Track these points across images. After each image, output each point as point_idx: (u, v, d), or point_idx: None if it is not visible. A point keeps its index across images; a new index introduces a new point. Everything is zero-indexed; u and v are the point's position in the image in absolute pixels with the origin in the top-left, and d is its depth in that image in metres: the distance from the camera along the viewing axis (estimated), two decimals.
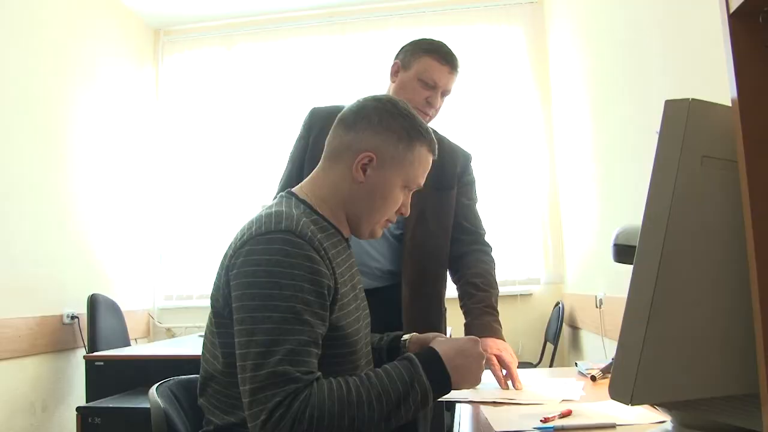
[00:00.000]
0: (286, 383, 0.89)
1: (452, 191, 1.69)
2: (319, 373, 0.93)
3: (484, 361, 1.06)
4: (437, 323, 1.68)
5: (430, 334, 1.22)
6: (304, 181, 1.15)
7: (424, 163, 1.12)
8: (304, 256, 0.95)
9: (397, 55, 1.67)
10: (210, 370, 1.04)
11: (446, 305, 1.74)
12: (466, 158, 1.76)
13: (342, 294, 1.03)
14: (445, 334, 1.55)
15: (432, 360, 0.99)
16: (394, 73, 1.65)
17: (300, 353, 0.91)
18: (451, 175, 1.68)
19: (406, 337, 1.26)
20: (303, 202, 1.09)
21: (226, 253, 1.03)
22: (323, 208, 1.09)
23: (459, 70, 1.63)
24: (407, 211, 1.16)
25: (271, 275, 0.93)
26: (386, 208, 1.10)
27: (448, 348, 1.02)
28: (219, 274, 1.03)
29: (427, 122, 1.46)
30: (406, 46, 1.67)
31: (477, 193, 1.78)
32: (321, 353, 0.96)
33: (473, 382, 1.04)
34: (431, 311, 1.66)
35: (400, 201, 1.12)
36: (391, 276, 1.63)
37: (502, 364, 1.41)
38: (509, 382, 1.39)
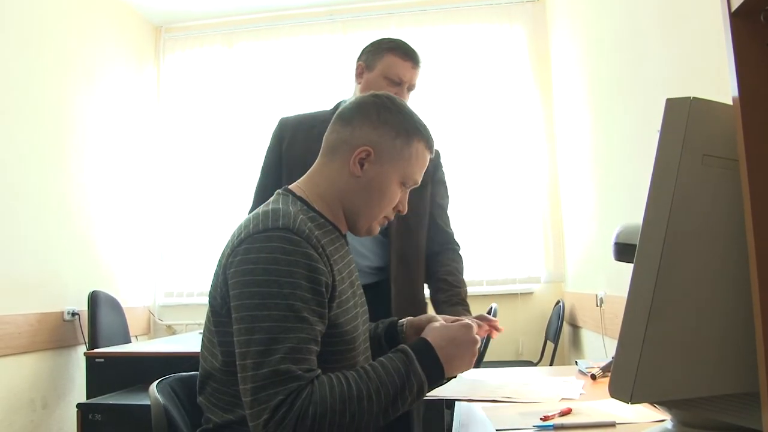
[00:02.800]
0: (288, 381, 0.88)
1: (427, 188, 1.73)
2: (319, 371, 0.93)
3: (477, 347, 1.06)
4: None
5: (425, 317, 1.22)
6: (301, 178, 1.15)
7: (421, 159, 1.12)
8: (302, 253, 0.95)
9: (360, 56, 1.71)
10: (208, 368, 1.04)
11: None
12: (437, 155, 1.78)
13: (340, 291, 1.03)
14: None
15: (425, 352, 1.00)
16: (359, 74, 1.69)
17: (300, 351, 0.91)
18: (426, 172, 1.70)
19: (402, 321, 1.26)
20: (300, 199, 1.08)
21: (223, 252, 1.03)
22: (320, 204, 1.09)
23: (421, 64, 1.68)
24: (405, 209, 1.16)
25: (269, 273, 0.93)
26: (383, 203, 1.10)
27: (441, 338, 1.02)
28: (217, 273, 1.03)
29: None
30: (367, 47, 1.71)
31: (448, 191, 1.83)
32: (319, 350, 0.96)
33: (465, 369, 1.06)
34: (415, 305, 1.70)
35: (397, 197, 1.12)
36: (380, 272, 1.67)
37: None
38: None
